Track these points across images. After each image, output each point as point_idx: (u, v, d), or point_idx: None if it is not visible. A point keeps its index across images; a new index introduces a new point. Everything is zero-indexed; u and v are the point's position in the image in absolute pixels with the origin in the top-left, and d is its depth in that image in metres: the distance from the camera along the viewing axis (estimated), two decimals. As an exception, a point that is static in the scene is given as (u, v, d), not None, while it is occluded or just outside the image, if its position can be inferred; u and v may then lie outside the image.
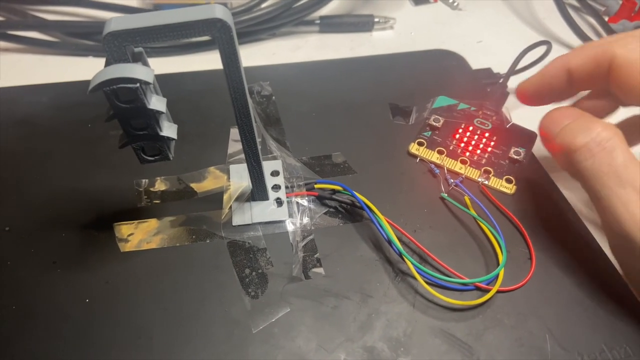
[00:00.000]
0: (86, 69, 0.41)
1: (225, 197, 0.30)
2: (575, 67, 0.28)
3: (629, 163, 0.24)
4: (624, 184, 0.24)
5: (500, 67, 0.40)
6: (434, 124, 0.35)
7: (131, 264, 0.28)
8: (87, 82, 0.21)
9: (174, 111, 0.25)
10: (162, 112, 0.23)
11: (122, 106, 0.22)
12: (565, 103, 0.31)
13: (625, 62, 0.26)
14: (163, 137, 0.24)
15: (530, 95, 0.32)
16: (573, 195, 0.32)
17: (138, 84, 0.21)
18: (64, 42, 0.42)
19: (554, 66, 0.30)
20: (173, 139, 0.24)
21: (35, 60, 0.41)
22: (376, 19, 0.46)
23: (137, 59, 0.22)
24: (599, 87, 0.30)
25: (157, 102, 0.23)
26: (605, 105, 0.31)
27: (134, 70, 0.21)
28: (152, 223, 0.29)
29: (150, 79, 0.21)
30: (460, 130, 0.35)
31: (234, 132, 0.34)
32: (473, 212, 0.30)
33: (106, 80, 0.21)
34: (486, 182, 0.32)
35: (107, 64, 0.21)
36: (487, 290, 0.27)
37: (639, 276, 0.25)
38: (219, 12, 0.21)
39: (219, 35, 0.21)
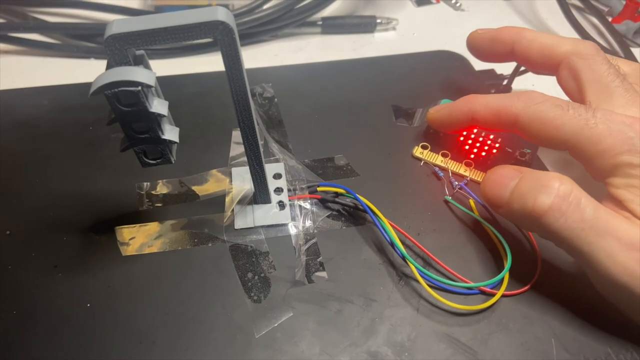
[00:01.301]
0: (88, 71, 0.40)
1: (227, 200, 0.30)
2: (479, 118, 0.30)
3: (598, 211, 0.24)
4: (602, 235, 0.23)
5: (504, 68, 0.40)
6: (438, 126, 0.35)
7: (133, 268, 0.27)
8: (88, 85, 0.21)
9: (175, 114, 0.25)
10: (164, 115, 0.23)
11: (123, 109, 0.22)
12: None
13: (526, 123, 0.27)
14: (165, 140, 0.23)
15: (438, 125, 0.33)
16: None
17: (139, 87, 0.21)
18: (65, 44, 0.42)
19: (461, 110, 0.31)
20: (175, 142, 0.24)
21: (37, 62, 0.41)
22: (378, 20, 0.46)
23: (139, 61, 0.22)
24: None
25: (158, 105, 0.23)
26: None
27: (135, 74, 0.21)
28: (153, 226, 0.29)
29: (151, 82, 0.21)
30: (465, 133, 0.34)
31: (236, 135, 0.34)
32: (478, 215, 0.30)
33: (107, 84, 0.20)
34: (490, 185, 0.32)
35: (108, 67, 0.21)
36: (492, 295, 0.26)
37: None
38: (221, 15, 0.20)
39: (221, 38, 0.21)
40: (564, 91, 0.30)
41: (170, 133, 0.24)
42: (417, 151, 0.34)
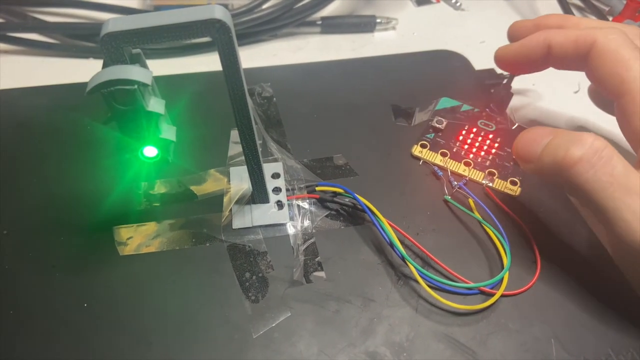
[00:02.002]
0: (86, 70, 0.40)
1: (225, 199, 0.30)
2: (556, 45, 0.29)
3: (629, 170, 0.24)
4: (630, 192, 0.23)
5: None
6: (437, 125, 0.34)
7: (130, 268, 0.27)
8: (85, 85, 0.20)
9: (173, 113, 0.24)
10: (161, 114, 0.22)
11: (120, 108, 0.21)
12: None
13: (603, 51, 0.27)
14: (162, 139, 0.23)
15: (508, 62, 0.32)
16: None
17: (136, 86, 0.21)
18: (63, 43, 0.42)
19: (536, 39, 0.30)
20: (172, 142, 0.24)
21: (35, 62, 0.41)
22: (378, 20, 0.46)
23: (135, 60, 0.22)
24: (573, 68, 0.30)
25: (155, 104, 0.22)
26: None
27: (131, 72, 0.21)
28: (151, 226, 0.29)
29: (148, 80, 0.21)
30: (464, 132, 0.34)
31: (234, 134, 0.34)
32: (477, 215, 0.29)
33: (104, 82, 0.20)
34: (490, 184, 0.32)
35: (104, 66, 0.21)
36: (492, 294, 0.26)
37: None
38: (218, 13, 0.20)
39: (218, 36, 0.21)
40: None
41: (168, 132, 0.24)
42: (416, 150, 0.33)
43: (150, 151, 0.24)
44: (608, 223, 0.24)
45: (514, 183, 0.32)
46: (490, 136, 0.34)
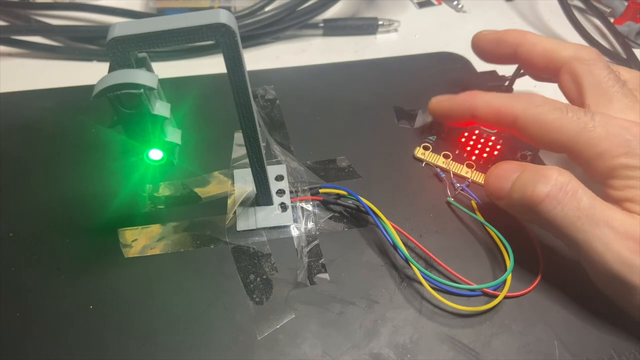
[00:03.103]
0: (90, 73, 0.40)
1: (229, 202, 0.30)
2: (479, 115, 0.30)
3: (594, 202, 0.24)
4: (598, 224, 0.24)
5: (506, 69, 0.40)
6: (440, 127, 0.35)
7: (135, 270, 0.28)
8: (91, 87, 0.21)
9: (177, 116, 0.25)
10: (167, 118, 0.23)
11: (126, 112, 0.22)
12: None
13: (525, 126, 0.28)
14: (167, 142, 0.23)
15: (438, 115, 0.33)
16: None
17: (142, 90, 0.21)
18: (68, 46, 0.42)
19: (461, 106, 0.31)
20: (177, 145, 0.24)
21: (39, 65, 0.41)
22: (380, 22, 0.46)
23: (141, 64, 0.22)
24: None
25: (161, 108, 0.23)
26: None
27: (137, 76, 0.21)
28: (156, 228, 0.29)
29: (154, 84, 0.21)
30: (466, 134, 0.34)
31: (238, 137, 0.34)
32: (480, 217, 0.30)
33: (110, 86, 0.21)
34: (492, 186, 0.32)
35: (110, 70, 0.21)
36: (495, 296, 0.26)
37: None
38: (223, 17, 0.20)
39: (223, 40, 0.21)
40: (564, 96, 0.30)
41: (173, 135, 0.24)
42: (419, 152, 0.34)
43: (155, 154, 0.24)
44: (581, 255, 0.25)
45: (516, 185, 0.32)
46: (493, 138, 0.34)
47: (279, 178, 0.31)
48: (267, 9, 0.42)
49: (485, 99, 0.30)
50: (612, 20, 0.47)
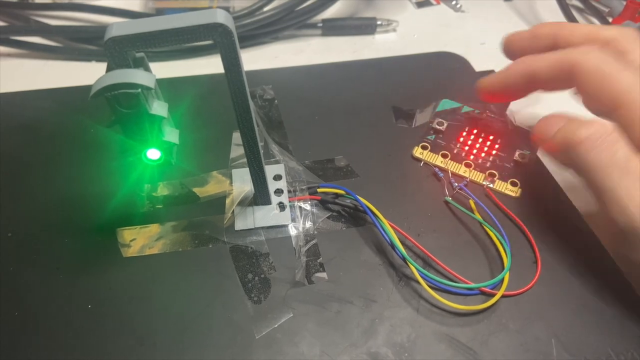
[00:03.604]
0: (89, 73, 0.40)
1: (227, 201, 0.30)
2: (538, 72, 0.29)
3: (631, 155, 0.25)
4: (628, 174, 0.24)
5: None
6: (438, 127, 0.35)
7: (134, 269, 0.28)
8: (89, 87, 0.21)
9: (175, 116, 0.25)
10: (164, 117, 0.23)
11: (123, 111, 0.22)
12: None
13: (584, 71, 0.27)
14: (165, 142, 0.24)
15: (491, 93, 0.32)
16: (578, 198, 0.32)
17: (139, 90, 0.21)
18: (66, 47, 0.42)
19: (517, 69, 0.30)
20: (175, 144, 0.24)
21: (38, 66, 0.41)
22: (379, 22, 0.46)
23: (139, 64, 0.22)
24: (560, 89, 0.30)
25: (158, 108, 0.23)
26: None
27: (135, 76, 0.21)
28: (154, 228, 0.29)
29: (151, 84, 0.21)
30: (464, 134, 0.34)
31: (236, 137, 0.34)
32: (478, 216, 0.30)
33: (107, 86, 0.21)
34: (491, 186, 0.32)
35: (108, 69, 0.21)
36: (492, 295, 0.26)
37: None
38: (220, 17, 0.20)
39: (220, 40, 0.21)
40: None
41: (171, 135, 0.24)
42: (417, 152, 0.34)
43: (153, 154, 0.24)
44: (604, 203, 0.25)
45: (514, 184, 0.32)
46: (491, 137, 0.34)
47: (277, 177, 0.31)
48: (265, 9, 0.42)
49: (540, 56, 0.29)
50: (610, 19, 0.47)
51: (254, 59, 0.43)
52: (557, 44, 0.31)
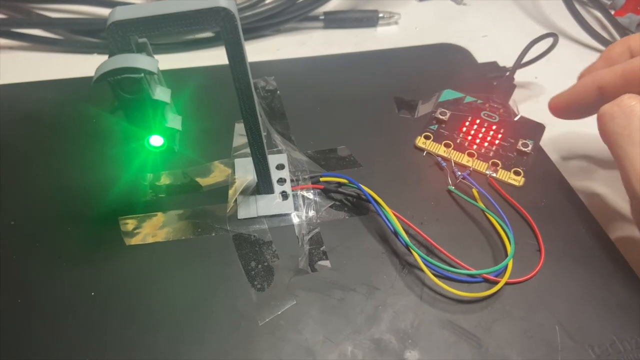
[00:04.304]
0: (90, 66, 0.40)
1: (230, 190, 0.30)
2: (607, 85, 0.29)
3: None
4: (635, 144, 0.25)
5: (506, 60, 0.40)
6: (441, 117, 0.35)
7: (137, 258, 0.28)
8: (91, 78, 0.21)
9: (178, 106, 0.25)
10: (167, 103, 0.23)
11: (126, 97, 0.22)
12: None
13: None
14: (168, 128, 0.23)
15: (562, 110, 0.32)
16: (581, 186, 0.32)
17: (142, 74, 0.21)
18: (68, 39, 0.42)
19: (585, 84, 0.30)
20: (178, 131, 0.24)
21: (40, 58, 0.41)
22: (381, 14, 0.46)
23: (141, 49, 0.22)
24: None
25: (161, 93, 0.23)
26: None
27: (138, 60, 0.21)
28: (157, 217, 0.29)
29: (154, 69, 0.21)
30: (467, 123, 0.34)
31: (239, 127, 0.34)
32: (481, 205, 0.30)
33: (110, 71, 0.21)
34: (494, 175, 0.32)
35: (110, 54, 0.21)
36: (496, 282, 0.26)
37: None
38: (224, 1, 0.20)
39: (224, 25, 0.21)
40: None
41: (174, 121, 0.24)
42: (420, 141, 0.33)
43: (156, 140, 0.24)
44: (620, 172, 0.26)
45: (517, 173, 0.32)
46: (494, 127, 0.34)
47: (280, 167, 0.31)
48: (267, 1, 0.42)
49: (607, 69, 0.29)
50: (613, 12, 0.47)
51: (256, 52, 0.43)
52: (604, 95, 0.30)
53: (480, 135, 0.34)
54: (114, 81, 0.21)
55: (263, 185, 0.30)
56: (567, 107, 0.32)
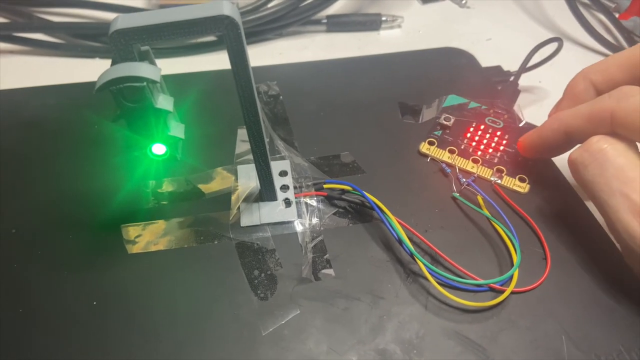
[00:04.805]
0: (92, 70, 0.40)
1: (233, 198, 0.30)
2: (574, 130, 0.28)
3: (620, 173, 0.24)
4: (614, 194, 0.24)
5: (511, 64, 0.40)
6: (445, 122, 0.34)
7: (139, 266, 0.27)
8: (93, 84, 0.20)
9: (180, 111, 0.24)
10: (170, 112, 0.22)
11: (129, 105, 0.21)
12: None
13: (627, 118, 0.25)
14: (170, 137, 0.23)
15: (531, 152, 0.32)
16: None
17: (145, 83, 0.21)
18: (69, 43, 0.42)
19: (552, 128, 0.29)
20: (180, 139, 0.24)
21: (41, 62, 0.41)
22: (384, 18, 0.46)
23: (144, 57, 0.22)
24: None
25: (164, 102, 0.22)
26: None
27: (140, 69, 0.21)
28: (159, 224, 0.29)
29: (157, 77, 0.21)
30: (472, 129, 0.34)
31: (242, 133, 0.34)
32: (486, 212, 0.29)
33: (113, 79, 0.20)
34: (499, 181, 0.31)
35: (113, 63, 0.21)
36: (501, 292, 0.26)
37: None
38: (227, 9, 0.20)
39: (227, 33, 0.21)
40: None
41: (176, 129, 0.24)
42: (424, 147, 0.33)
43: (159, 149, 0.24)
44: (604, 219, 0.26)
45: (522, 180, 0.32)
46: (498, 133, 0.34)
47: (283, 174, 0.31)
48: (269, 5, 0.42)
49: (571, 111, 0.28)
50: (617, 15, 0.46)
51: (258, 56, 0.42)
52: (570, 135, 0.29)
53: (485, 141, 0.33)
54: (117, 90, 0.21)
55: (266, 193, 0.29)
56: (535, 149, 0.31)
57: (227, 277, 0.27)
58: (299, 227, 0.29)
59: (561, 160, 0.33)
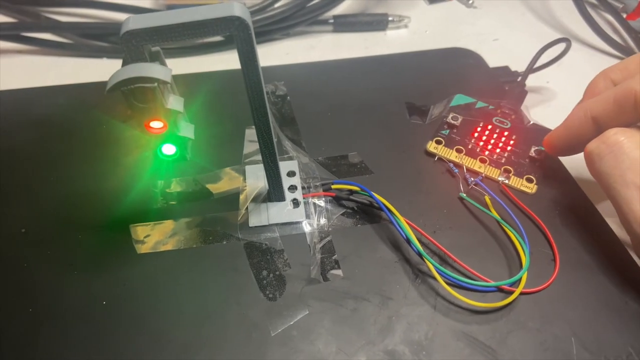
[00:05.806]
0: (100, 70, 0.40)
1: (241, 198, 0.30)
2: (600, 114, 0.28)
3: (635, 165, 0.25)
4: (628, 185, 0.25)
5: (517, 63, 0.40)
6: (452, 122, 0.34)
7: (148, 266, 0.27)
8: (101, 83, 0.21)
9: (189, 112, 0.24)
10: (180, 112, 0.22)
11: (139, 106, 0.22)
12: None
13: None
14: (180, 137, 0.23)
15: (559, 148, 0.31)
16: (595, 194, 0.31)
17: (156, 84, 0.21)
18: (77, 43, 0.42)
19: (578, 117, 0.29)
20: (190, 139, 0.24)
21: (50, 62, 0.41)
22: (390, 18, 0.46)
23: (155, 58, 0.22)
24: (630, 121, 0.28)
25: (174, 102, 0.23)
26: None
27: (151, 70, 0.21)
28: (168, 224, 0.29)
29: (168, 78, 0.21)
30: (479, 129, 0.34)
31: (250, 133, 0.34)
32: (494, 213, 0.29)
33: (124, 80, 0.20)
34: (506, 182, 0.31)
35: (124, 63, 0.21)
36: (510, 292, 0.26)
37: None
38: (237, 10, 0.20)
39: (237, 34, 0.21)
40: None
41: (186, 130, 0.24)
42: (431, 146, 0.33)
43: (168, 149, 0.24)
44: (617, 212, 0.26)
45: (530, 180, 0.31)
46: (506, 133, 0.34)
47: (291, 174, 0.31)
48: (276, 5, 0.42)
49: (596, 98, 0.28)
50: (624, 15, 0.46)
51: (265, 56, 0.42)
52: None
53: (492, 141, 0.33)
54: (127, 90, 0.21)
55: (274, 193, 0.29)
56: (564, 143, 0.30)
57: (236, 278, 0.27)
58: (307, 228, 0.29)
59: (569, 161, 0.33)
